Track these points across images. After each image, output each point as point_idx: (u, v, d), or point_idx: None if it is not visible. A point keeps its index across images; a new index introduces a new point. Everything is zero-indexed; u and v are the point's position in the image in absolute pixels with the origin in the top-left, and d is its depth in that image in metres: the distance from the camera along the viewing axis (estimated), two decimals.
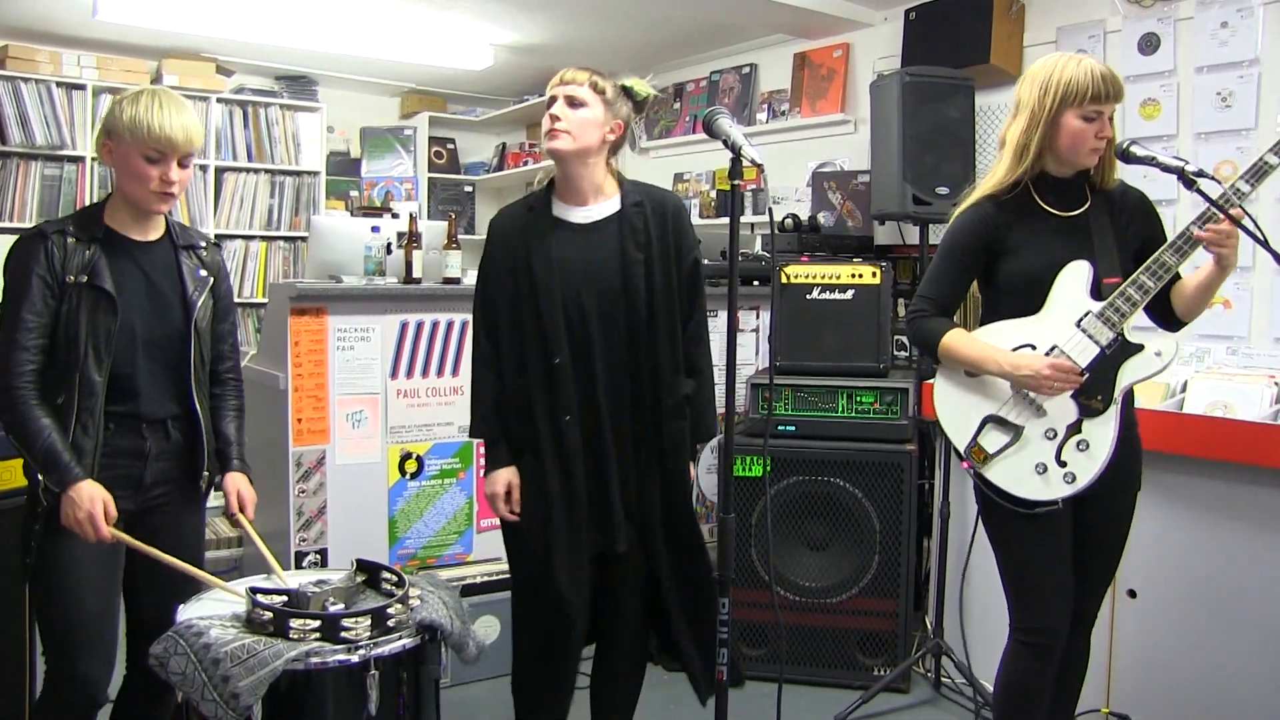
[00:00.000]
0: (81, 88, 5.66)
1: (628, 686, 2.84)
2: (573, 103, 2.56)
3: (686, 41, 5.97)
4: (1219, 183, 2.51)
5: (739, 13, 5.20)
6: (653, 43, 5.99)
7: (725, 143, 2.24)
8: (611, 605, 2.72)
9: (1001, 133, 2.66)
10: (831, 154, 5.36)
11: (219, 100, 6.09)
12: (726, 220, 4.87)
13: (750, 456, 3.78)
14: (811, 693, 3.69)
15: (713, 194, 6.06)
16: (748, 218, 5.51)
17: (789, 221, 4.68)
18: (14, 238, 2.41)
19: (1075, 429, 2.53)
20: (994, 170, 2.63)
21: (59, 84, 5.57)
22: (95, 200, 5.45)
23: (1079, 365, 2.50)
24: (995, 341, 2.59)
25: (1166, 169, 2.54)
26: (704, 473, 4.46)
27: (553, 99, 2.59)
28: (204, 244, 2.61)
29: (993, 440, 2.59)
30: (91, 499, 2.27)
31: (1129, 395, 2.60)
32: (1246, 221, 2.51)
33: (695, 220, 6.05)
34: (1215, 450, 2.93)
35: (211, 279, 2.57)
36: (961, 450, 2.64)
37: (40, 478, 2.31)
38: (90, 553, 2.36)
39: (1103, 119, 2.51)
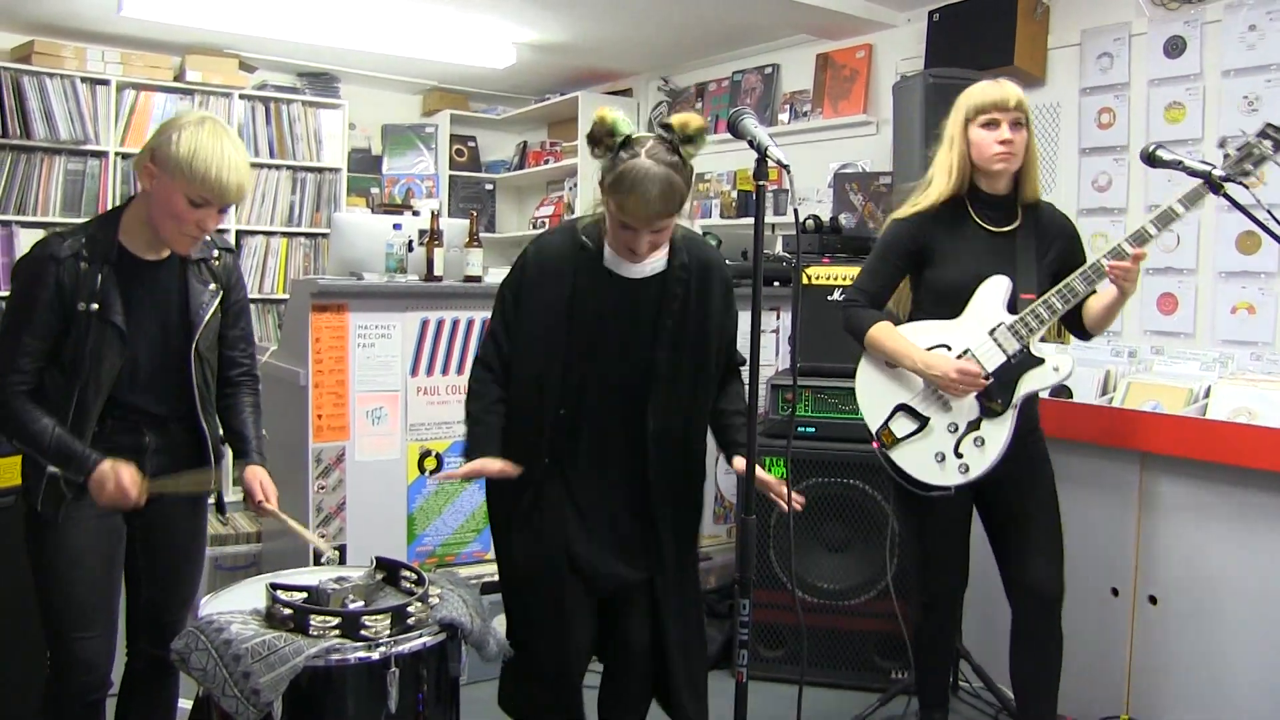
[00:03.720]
0: (105, 83, 5.67)
1: (639, 706, 2.75)
2: (660, 232, 2.41)
3: (709, 41, 5.96)
4: (1246, 187, 2.51)
5: (762, 13, 5.19)
6: (675, 42, 5.99)
7: (751, 143, 2.22)
8: (620, 629, 2.64)
9: (932, 159, 2.92)
10: (853, 155, 5.34)
11: (241, 96, 6.11)
12: (748, 220, 4.86)
13: (769, 458, 3.76)
14: (828, 695, 3.69)
15: (734, 194, 6.05)
16: (768, 218, 5.50)
17: (810, 223, 4.66)
18: (37, 234, 2.39)
19: (975, 426, 2.79)
20: (929, 191, 2.87)
21: (83, 79, 5.58)
22: (117, 196, 5.57)
23: (985, 370, 2.74)
24: (916, 339, 2.83)
25: (1193, 173, 2.54)
26: (723, 474, 4.45)
27: (636, 230, 2.35)
28: (216, 253, 2.55)
29: (901, 426, 2.87)
30: (117, 471, 2.28)
31: (1032, 400, 2.86)
32: (1272, 225, 2.51)
33: (716, 221, 6.07)
34: (1238, 456, 2.91)
35: (221, 291, 2.53)
36: (873, 431, 2.91)
37: (57, 471, 2.31)
38: (89, 539, 2.37)
39: (1001, 127, 2.73)
